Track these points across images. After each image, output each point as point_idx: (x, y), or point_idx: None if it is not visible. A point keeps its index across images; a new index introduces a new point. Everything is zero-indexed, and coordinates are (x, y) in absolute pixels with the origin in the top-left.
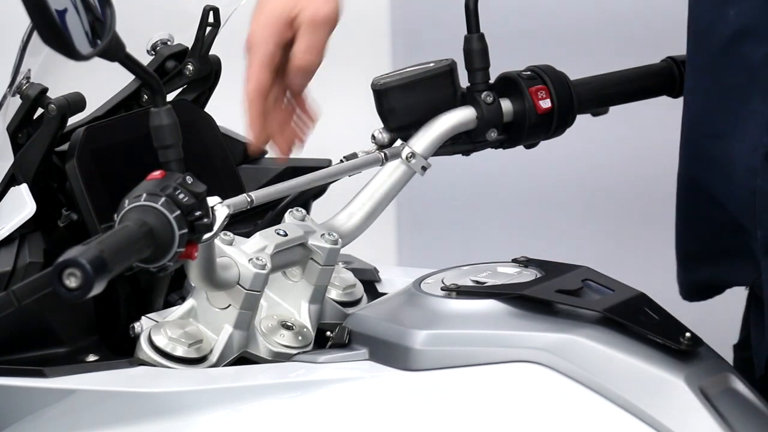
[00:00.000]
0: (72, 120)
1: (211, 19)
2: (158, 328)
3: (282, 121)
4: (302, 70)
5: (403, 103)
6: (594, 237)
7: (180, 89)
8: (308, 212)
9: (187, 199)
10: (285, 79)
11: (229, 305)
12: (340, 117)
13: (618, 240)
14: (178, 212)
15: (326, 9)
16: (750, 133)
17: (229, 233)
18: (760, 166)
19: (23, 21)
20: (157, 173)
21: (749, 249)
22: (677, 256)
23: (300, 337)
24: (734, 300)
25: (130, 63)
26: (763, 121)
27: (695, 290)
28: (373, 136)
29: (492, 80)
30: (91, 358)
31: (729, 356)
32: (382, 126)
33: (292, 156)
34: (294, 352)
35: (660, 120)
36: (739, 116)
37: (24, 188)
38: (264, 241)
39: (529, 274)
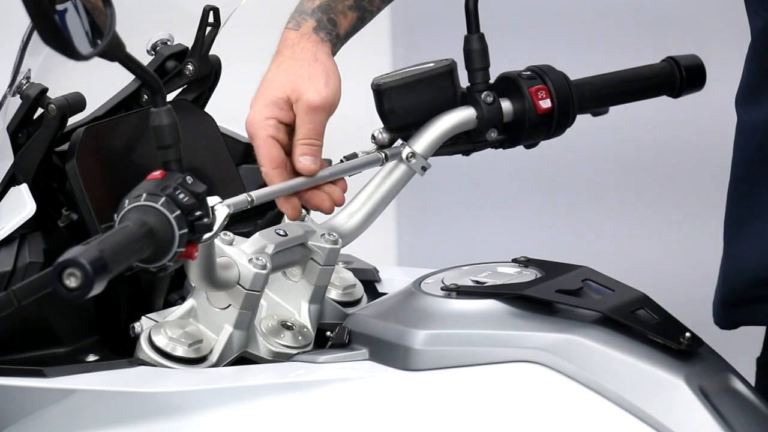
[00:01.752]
0: (72, 120)
1: (211, 19)
2: (158, 328)
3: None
4: (304, 170)
5: (403, 103)
6: (595, 236)
7: (180, 89)
8: (308, 212)
9: (187, 199)
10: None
11: (229, 305)
12: (340, 117)
13: (619, 237)
14: (178, 212)
15: (324, 95)
16: None
17: (229, 233)
18: None
19: (23, 21)
20: (157, 173)
21: None
22: (715, 299)
23: (300, 337)
24: None
25: (130, 63)
26: None
27: (731, 325)
28: (373, 136)
29: (492, 80)
30: (91, 358)
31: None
32: (382, 126)
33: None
34: (294, 352)
35: (655, 114)
36: None
37: (24, 188)
38: (264, 241)
39: (529, 274)
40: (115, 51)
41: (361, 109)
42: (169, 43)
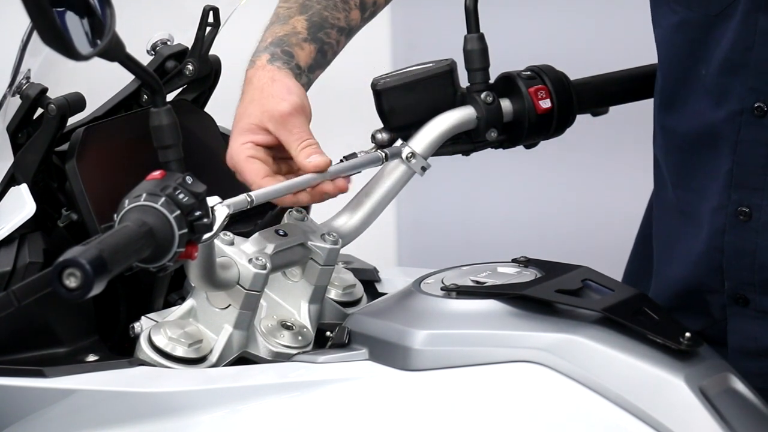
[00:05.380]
0: (72, 120)
1: (211, 19)
2: (158, 328)
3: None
4: (317, 167)
5: (403, 103)
6: (598, 235)
7: (180, 89)
8: (308, 212)
9: (187, 199)
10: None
11: (229, 305)
12: (340, 117)
13: (619, 237)
14: (178, 212)
15: (289, 101)
16: (715, 191)
17: (229, 233)
18: (728, 222)
19: (23, 21)
20: (157, 173)
21: (703, 302)
22: None
23: (300, 337)
24: None
25: (130, 63)
26: (728, 178)
27: None
28: (373, 136)
29: (492, 80)
30: (91, 358)
31: None
32: (382, 126)
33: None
34: (294, 352)
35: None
36: (705, 174)
37: (24, 188)
38: (264, 241)
39: (529, 274)
40: (115, 51)
41: (361, 109)
42: (169, 43)
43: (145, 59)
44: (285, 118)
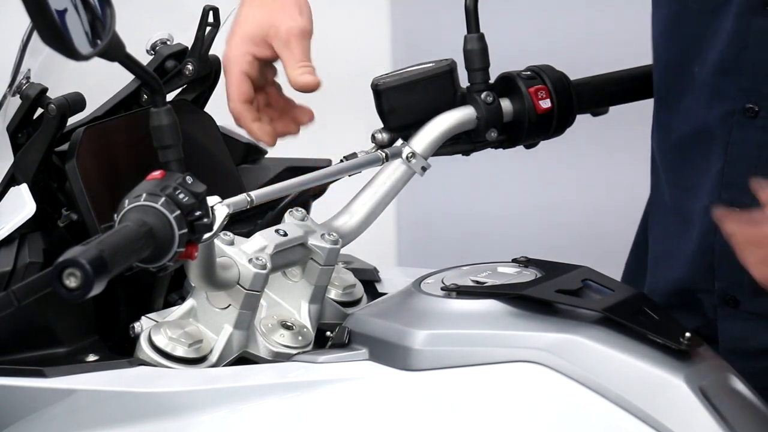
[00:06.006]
0: (72, 120)
1: (211, 19)
2: (158, 328)
3: (275, 117)
4: (307, 85)
5: (403, 103)
6: (600, 234)
7: (180, 89)
8: (308, 212)
9: (187, 199)
10: (268, 89)
11: (229, 305)
12: (340, 117)
13: (620, 237)
14: (178, 212)
15: (300, 22)
16: (707, 190)
17: (229, 233)
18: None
19: (23, 21)
20: (157, 173)
21: (696, 301)
22: None
23: (300, 337)
24: None
25: (130, 63)
26: (719, 178)
27: None
28: (373, 136)
29: (492, 80)
30: (91, 358)
31: None
32: (382, 126)
33: (293, 155)
34: (294, 352)
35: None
36: (698, 173)
37: (24, 188)
38: (264, 241)
39: (529, 274)
40: (115, 51)
41: (360, 109)
42: (168, 42)
43: (145, 59)
44: (290, 38)
